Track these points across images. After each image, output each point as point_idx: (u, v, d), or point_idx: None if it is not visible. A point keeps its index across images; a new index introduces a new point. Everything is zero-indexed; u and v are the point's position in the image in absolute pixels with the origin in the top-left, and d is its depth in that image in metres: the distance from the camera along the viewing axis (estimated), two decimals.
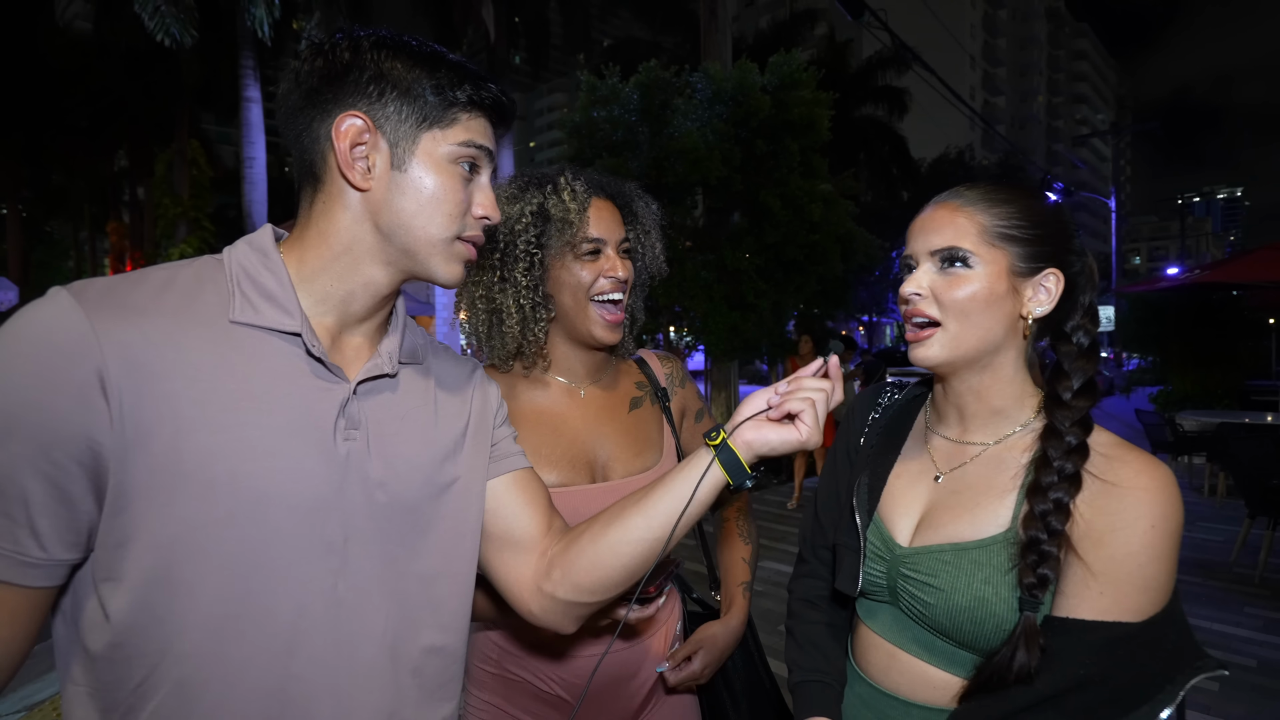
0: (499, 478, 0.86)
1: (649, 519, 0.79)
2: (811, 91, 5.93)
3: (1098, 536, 0.74)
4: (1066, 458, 0.77)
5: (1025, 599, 0.75)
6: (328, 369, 0.70)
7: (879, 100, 22.30)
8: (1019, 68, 65.43)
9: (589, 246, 1.08)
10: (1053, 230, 0.84)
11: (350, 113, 0.68)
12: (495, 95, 0.74)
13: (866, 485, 0.95)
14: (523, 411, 1.11)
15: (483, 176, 0.76)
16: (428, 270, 0.74)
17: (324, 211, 0.72)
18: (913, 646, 0.87)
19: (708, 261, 6.07)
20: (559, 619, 0.84)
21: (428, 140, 0.71)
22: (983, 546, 0.81)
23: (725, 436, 0.79)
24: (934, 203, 0.88)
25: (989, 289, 0.82)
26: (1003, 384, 0.86)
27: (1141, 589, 0.72)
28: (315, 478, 0.67)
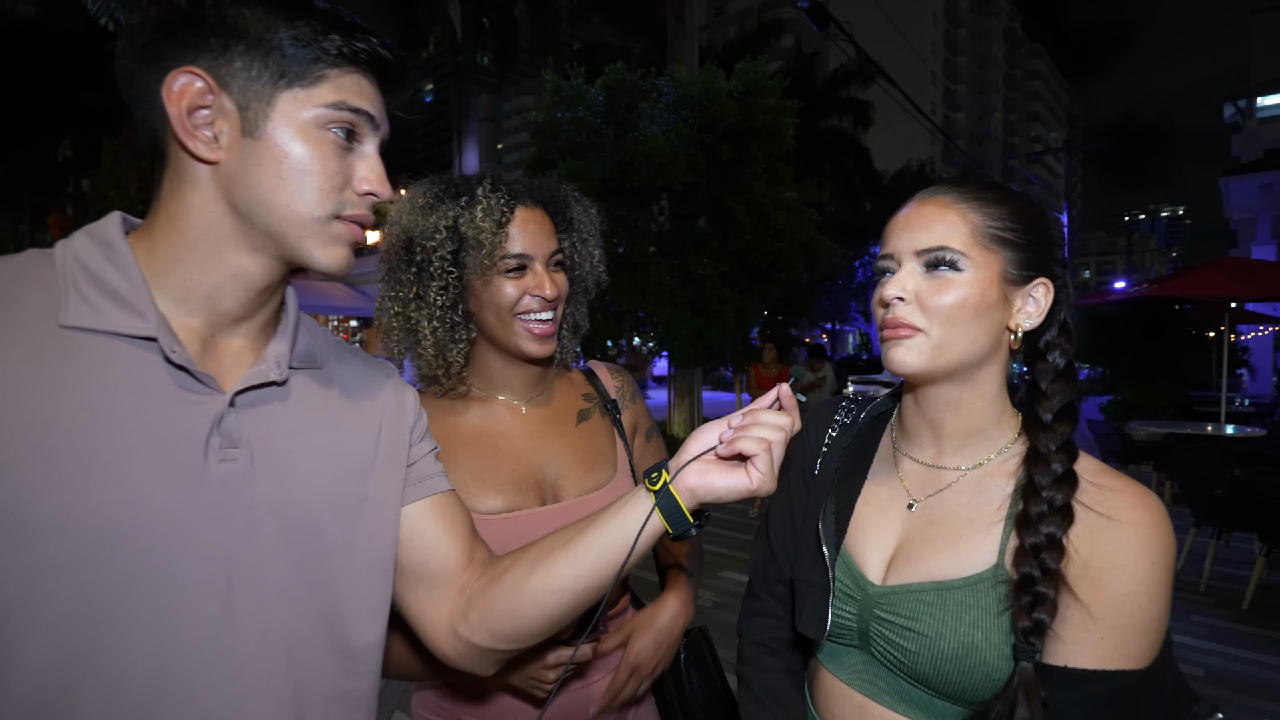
0: (417, 502, 0.75)
1: (577, 566, 0.70)
2: (777, 99, 5.94)
3: (1096, 575, 0.66)
4: (1056, 487, 0.69)
5: (1021, 646, 0.66)
6: (195, 379, 0.59)
7: (844, 112, 22.69)
8: (978, 85, 67.44)
9: (514, 263, 0.98)
10: (1044, 237, 0.76)
11: (185, 69, 0.57)
12: (373, 48, 0.62)
13: (833, 514, 0.85)
14: (459, 433, 1.01)
15: (367, 145, 0.65)
16: (302, 256, 0.63)
17: (173, 192, 0.61)
18: (886, 697, 0.77)
19: (671, 267, 6.02)
20: (475, 664, 0.76)
21: (287, 101, 0.59)
22: (968, 585, 0.72)
23: (667, 480, 0.69)
24: (919, 198, 0.78)
25: (980, 296, 0.73)
26: (983, 401, 0.78)
27: (1144, 632, 0.65)
28: (179, 508, 0.56)
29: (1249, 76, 25.47)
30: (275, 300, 0.68)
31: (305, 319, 0.74)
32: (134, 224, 0.63)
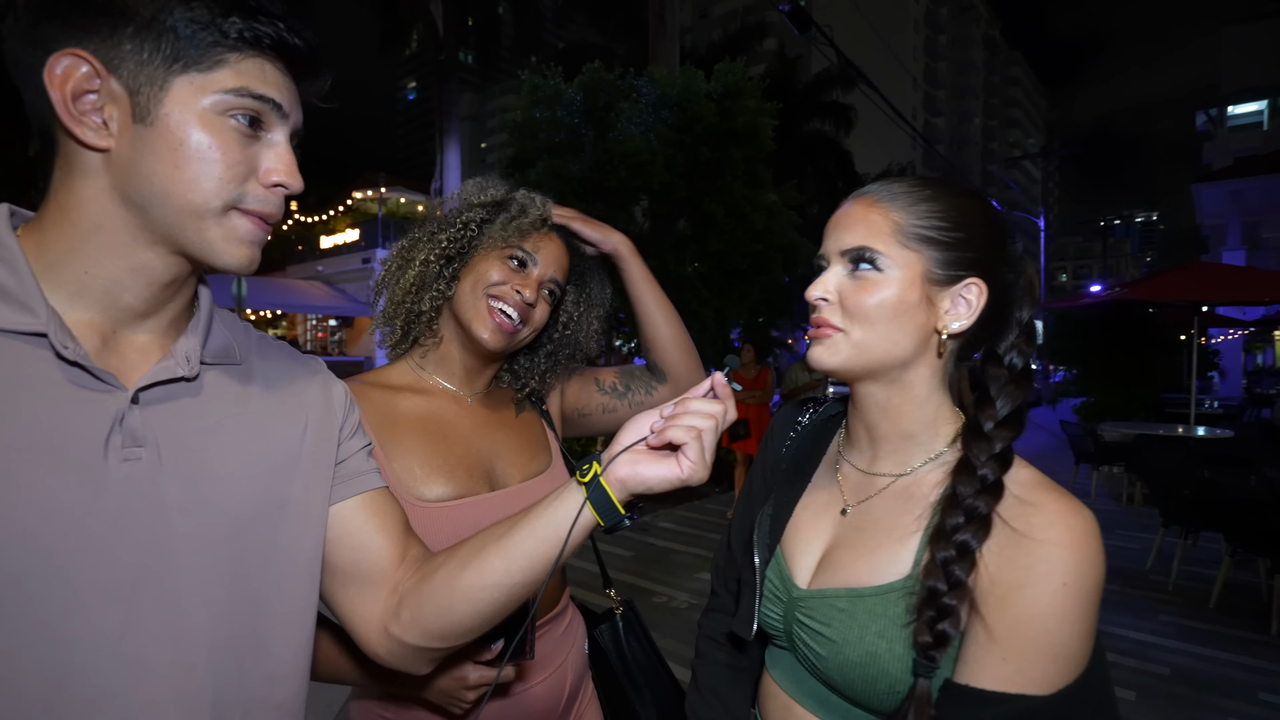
0: (347, 500, 0.73)
1: (508, 562, 0.68)
2: (756, 101, 5.94)
3: (1002, 593, 0.63)
4: (978, 496, 0.66)
5: (919, 661, 0.65)
6: (92, 375, 0.56)
7: (826, 116, 22.86)
8: (957, 91, 68.29)
9: (519, 254, 1.06)
10: (980, 235, 0.73)
11: (69, 51, 0.53)
12: (279, 33, 0.58)
13: (770, 516, 0.85)
14: (407, 419, 1.03)
15: (275, 134, 0.61)
16: (203, 251, 0.59)
17: (63, 181, 0.57)
18: (808, 700, 0.78)
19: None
20: (409, 663, 0.74)
21: (183, 86, 0.56)
22: (879, 595, 0.70)
23: (598, 472, 0.68)
24: (852, 197, 0.77)
25: (899, 296, 0.72)
26: (913, 405, 0.76)
27: (1050, 657, 0.61)
28: (76, 511, 0.53)
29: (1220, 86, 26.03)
30: (186, 294, 0.65)
31: (224, 313, 0.71)
32: (25, 216, 0.60)
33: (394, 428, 1.01)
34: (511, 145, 6.37)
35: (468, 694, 0.88)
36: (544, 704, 1.04)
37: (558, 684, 1.07)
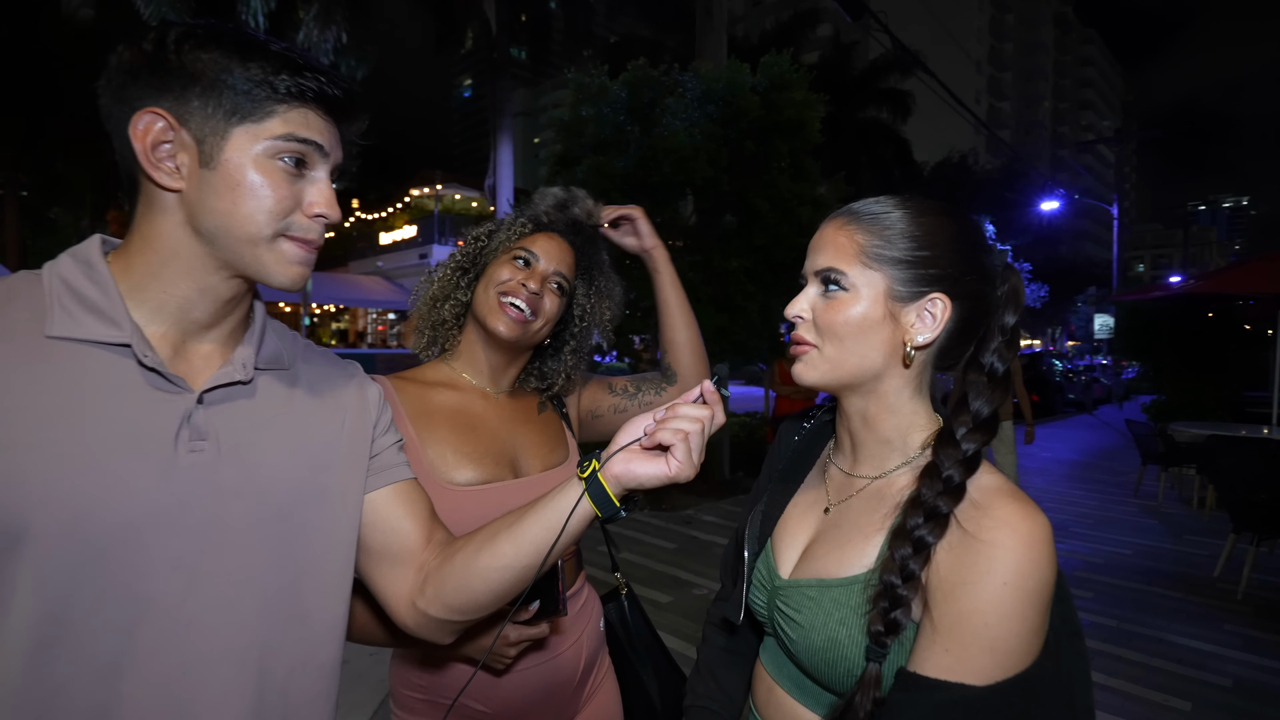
0: (380, 490, 0.83)
1: (517, 546, 0.77)
2: (803, 93, 5.85)
3: (949, 589, 0.67)
4: (939, 497, 0.70)
5: (871, 647, 0.70)
6: (167, 380, 0.66)
7: (882, 103, 22.22)
8: (1025, 73, 65.18)
9: (523, 254, 1.18)
10: (945, 252, 0.76)
11: (149, 109, 0.64)
12: (320, 86, 0.68)
13: (761, 513, 0.93)
14: (442, 411, 1.14)
15: (317, 172, 0.71)
16: (259, 273, 0.70)
17: (145, 216, 0.68)
18: (786, 682, 0.84)
19: (694, 263, 6.01)
20: (433, 633, 0.84)
21: (240, 135, 0.66)
22: (844, 585, 0.76)
23: (596, 468, 0.76)
24: (827, 219, 0.83)
25: (863, 314, 0.76)
26: (888, 413, 0.81)
27: (987, 650, 0.65)
28: (149, 491, 0.63)
29: None
30: (242, 309, 0.75)
31: (274, 323, 0.81)
32: (113, 244, 0.71)
33: (429, 419, 1.12)
34: (559, 143, 6.47)
35: (509, 649, 1.00)
36: (563, 674, 1.15)
37: (575, 655, 1.17)
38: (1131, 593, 4.29)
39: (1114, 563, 4.89)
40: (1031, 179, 26.02)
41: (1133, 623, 3.81)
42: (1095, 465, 9.09)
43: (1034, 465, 8.85)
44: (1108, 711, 2.88)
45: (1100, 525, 5.95)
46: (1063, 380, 17.20)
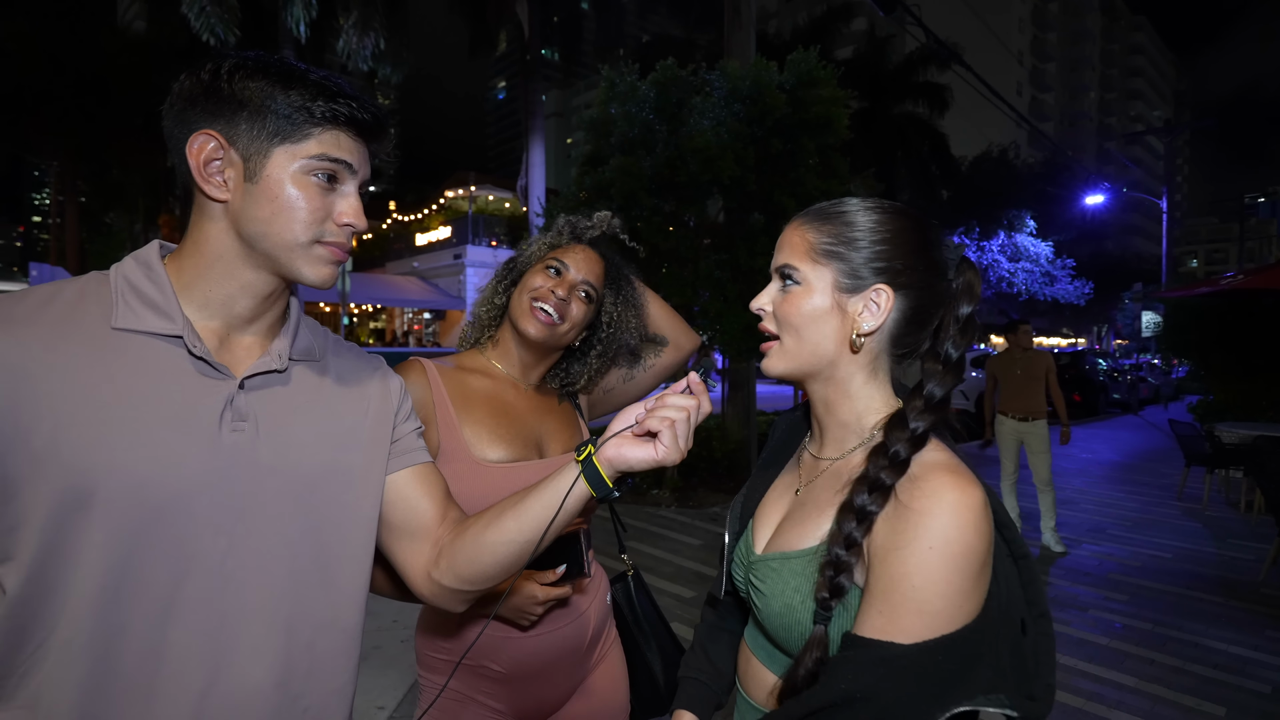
0: (400, 471, 0.92)
1: (521, 523, 0.85)
2: (831, 90, 5.81)
3: (882, 555, 0.73)
4: (883, 470, 0.75)
5: (817, 611, 0.76)
6: (213, 367, 0.76)
7: (919, 97, 21.81)
8: (1070, 63, 63.20)
9: (553, 264, 1.31)
10: (890, 247, 0.82)
11: (204, 131, 0.74)
12: (351, 110, 0.77)
13: (744, 496, 1.01)
14: (478, 395, 1.27)
15: (346, 186, 0.80)
16: (293, 272, 0.79)
17: (196, 223, 0.78)
18: (759, 651, 0.91)
19: (721, 261, 6.03)
20: (447, 602, 0.92)
21: (280, 154, 0.75)
22: (801, 556, 0.82)
23: (591, 452, 0.84)
24: (790, 221, 0.89)
25: (813, 305, 0.83)
26: (844, 398, 0.87)
27: (915, 611, 0.69)
28: (197, 464, 0.73)
29: None
30: (280, 305, 0.85)
31: (308, 320, 0.91)
32: (169, 249, 0.82)
33: (467, 401, 1.25)
34: (589, 143, 6.55)
35: (536, 608, 1.12)
36: (572, 641, 1.26)
37: (581, 627, 1.28)
38: (1169, 596, 4.18)
39: (1152, 566, 4.77)
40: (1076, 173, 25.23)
41: (1168, 626, 3.73)
42: (1138, 467, 8.83)
43: (1072, 466, 8.63)
44: (1137, 715, 2.84)
45: (1139, 528, 5.79)
46: (1106, 379, 16.68)
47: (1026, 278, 20.67)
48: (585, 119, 6.58)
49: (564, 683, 1.27)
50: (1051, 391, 5.22)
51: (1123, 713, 2.86)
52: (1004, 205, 20.78)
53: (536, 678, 1.23)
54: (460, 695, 1.21)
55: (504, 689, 1.21)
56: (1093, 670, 3.22)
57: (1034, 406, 5.15)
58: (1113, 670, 3.22)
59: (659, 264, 6.09)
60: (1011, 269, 20.61)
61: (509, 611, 1.14)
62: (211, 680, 0.73)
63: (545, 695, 1.25)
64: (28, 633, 0.67)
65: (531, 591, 1.11)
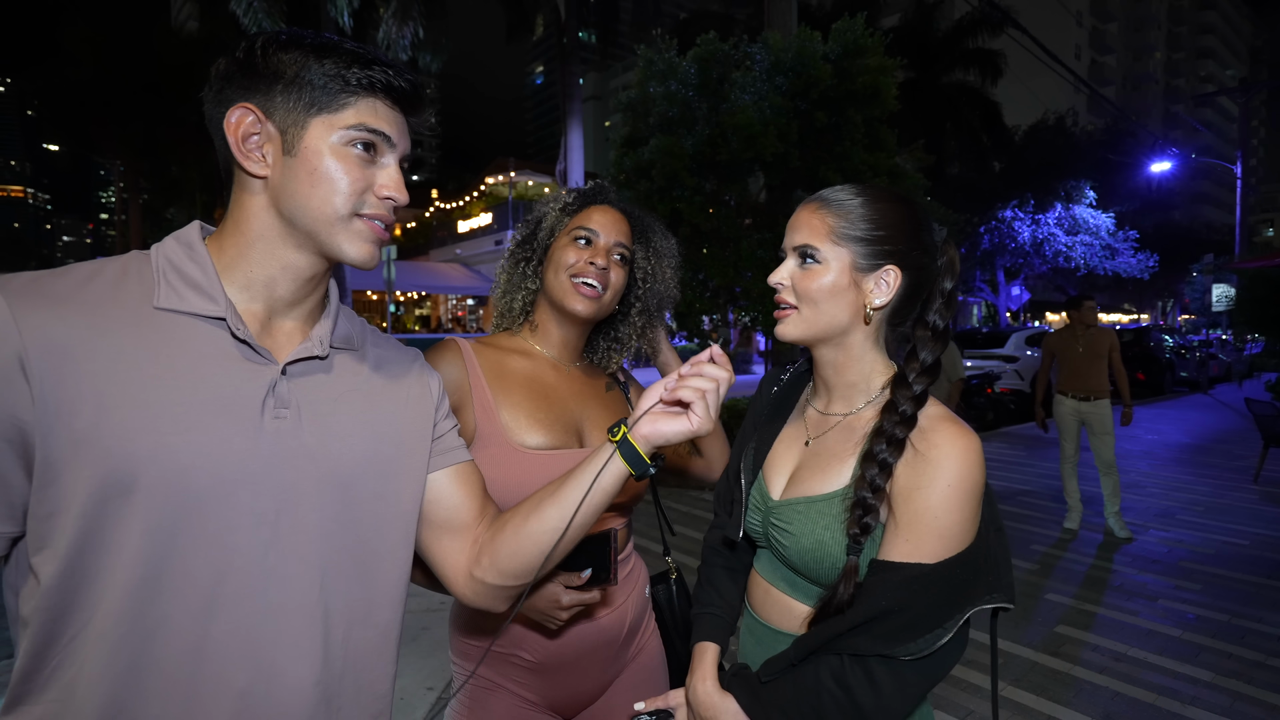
0: (442, 470, 0.90)
1: (561, 509, 0.83)
2: (878, 59, 5.58)
3: (906, 494, 0.88)
4: (896, 426, 0.90)
5: (850, 545, 0.90)
6: (256, 351, 0.73)
7: (969, 64, 20.92)
8: (1133, 22, 59.65)
9: (582, 233, 1.23)
10: (897, 231, 0.95)
11: (240, 105, 0.72)
12: (388, 78, 0.74)
13: (754, 449, 1.10)
14: (516, 377, 1.21)
15: (386, 158, 0.77)
16: (335, 249, 0.76)
17: (237, 202, 0.76)
18: (780, 583, 1.03)
19: (765, 240, 5.89)
20: (490, 601, 0.90)
21: (318, 125, 0.73)
22: (826, 500, 0.95)
23: (625, 431, 0.83)
24: (802, 204, 1.00)
25: (834, 281, 0.95)
26: (854, 361, 1.00)
27: (938, 536, 0.86)
28: (240, 452, 0.70)
29: None
30: (320, 290, 0.82)
31: (346, 309, 0.88)
32: (209, 230, 0.79)
33: (504, 382, 1.19)
34: (627, 124, 6.46)
35: (561, 613, 1.06)
36: (608, 633, 1.22)
37: (619, 619, 1.24)
38: (1247, 586, 3.95)
39: (1227, 554, 4.51)
40: (1140, 139, 23.80)
41: (1246, 618, 3.52)
42: (1209, 449, 8.36)
43: (1137, 448, 8.23)
44: (1214, 711, 2.69)
45: (1212, 513, 5.48)
46: (1173, 357, 15.84)
47: (1085, 251, 19.73)
48: (623, 100, 6.49)
49: (598, 675, 1.22)
50: (1115, 370, 4.96)
51: (1199, 709, 2.71)
52: (1061, 176, 19.76)
53: (569, 668, 1.19)
54: (490, 683, 1.18)
55: (535, 678, 1.17)
56: (1164, 664, 3.06)
57: (1096, 385, 4.89)
58: (1187, 664, 3.06)
59: (700, 244, 5.99)
60: (1069, 242, 19.69)
61: (533, 613, 1.08)
62: (252, 678, 0.70)
63: (578, 687, 1.21)
64: (63, 624, 0.65)
65: (555, 594, 1.05)
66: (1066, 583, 4.02)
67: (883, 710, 0.86)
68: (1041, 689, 2.83)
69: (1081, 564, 4.33)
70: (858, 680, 0.86)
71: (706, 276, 6.34)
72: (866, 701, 0.86)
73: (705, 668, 1.05)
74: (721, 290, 6.57)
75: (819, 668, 0.89)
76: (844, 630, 0.87)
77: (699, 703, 1.02)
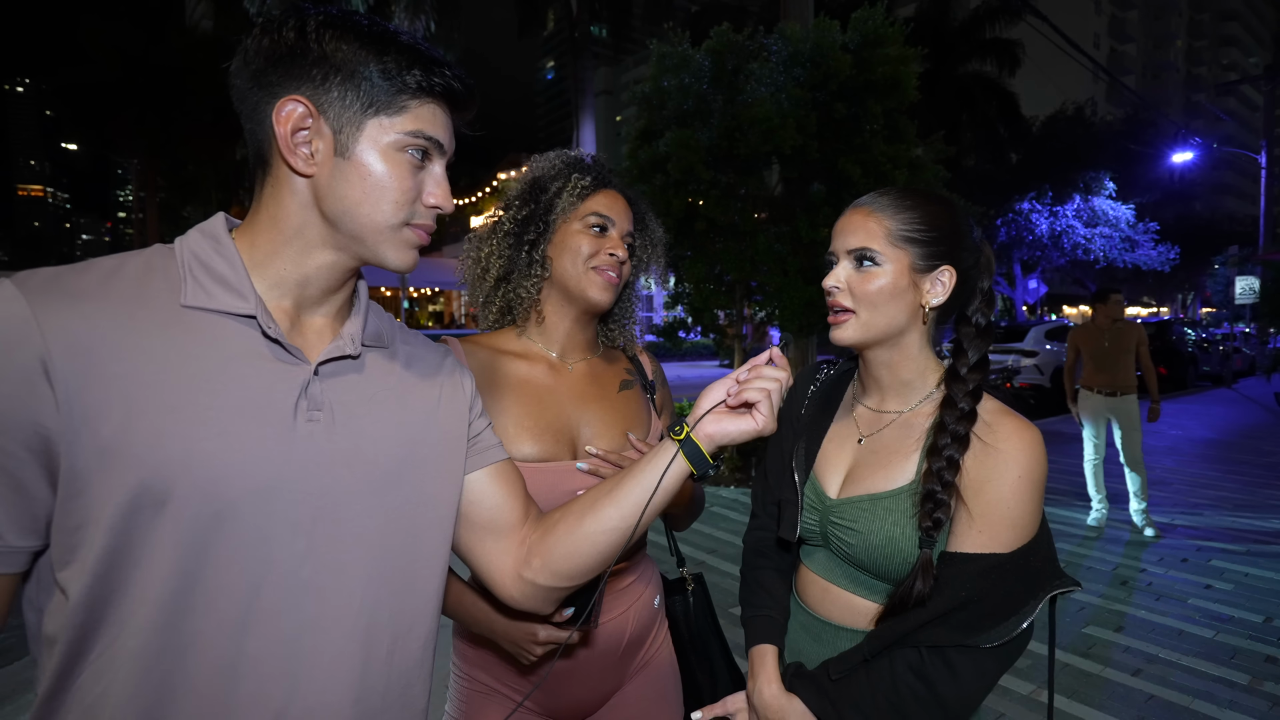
0: (481, 470, 0.86)
1: (621, 509, 0.81)
2: (898, 48, 5.47)
3: (978, 486, 0.91)
4: (958, 422, 0.92)
5: (923, 539, 0.92)
6: (287, 350, 0.69)
7: (986, 54, 20.65)
8: (1154, 9, 58.54)
9: (596, 220, 1.14)
10: (948, 232, 0.98)
11: (292, 97, 0.67)
12: (447, 81, 0.70)
13: (804, 449, 1.10)
14: (507, 381, 1.12)
15: (435, 165, 0.74)
16: (377, 256, 0.72)
17: (273, 196, 0.71)
18: (842, 580, 1.04)
19: (781, 234, 5.81)
20: (539, 603, 0.87)
21: (373, 127, 0.69)
22: (892, 496, 0.97)
23: (689, 430, 0.83)
24: (852, 207, 1.02)
25: (894, 283, 0.97)
26: (909, 360, 1.02)
27: (1010, 526, 0.89)
28: (274, 458, 0.66)
29: None
30: (349, 287, 0.78)
31: (374, 305, 0.84)
32: (235, 223, 0.74)
33: (495, 386, 1.11)
34: (640, 118, 6.39)
35: (535, 648, 0.99)
36: (604, 644, 1.14)
37: (618, 630, 1.16)
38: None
39: (1260, 552, 4.41)
40: (1160, 129, 23.35)
41: None
42: (1236, 444, 8.19)
43: (1161, 444, 8.08)
44: (1252, 716, 2.61)
45: (1241, 510, 5.36)
46: (1196, 351, 15.56)
47: (1104, 244, 19.42)
48: (636, 93, 6.42)
49: (597, 684, 1.16)
50: (1143, 365, 4.85)
51: (1237, 713, 2.63)
52: (1080, 167, 19.44)
53: (565, 677, 1.13)
54: (486, 688, 1.14)
55: (532, 685, 1.12)
56: (1197, 666, 2.98)
57: (1123, 381, 4.79)
58: (1221, 666, 2.98)
59: (716, 239, 5.93)
60: (1088, 234, 19.39)
61: (508, 645, 1.01)
62: (289, 697, 0.66)
63: (577, 695, 1.15)
64: (90, 641, 0.61)
65: (531, 629, 0.97)
66: (1094, 582, 3.94)
67: (963, 700, 0.88)
68: (1072, 691, 2.77)
69: (1108, 563, 4.25)
70: (938, 671, 0.88)
71: (722, 271, 6.27)
72: (948, 691, 0.87)
73: (769, 670, 1.03)
74: (737, 284, 6.50)
75: (894, 661, 0.91)
76: (922, 622, 0.88)
77: (765, 705, 1.00)
